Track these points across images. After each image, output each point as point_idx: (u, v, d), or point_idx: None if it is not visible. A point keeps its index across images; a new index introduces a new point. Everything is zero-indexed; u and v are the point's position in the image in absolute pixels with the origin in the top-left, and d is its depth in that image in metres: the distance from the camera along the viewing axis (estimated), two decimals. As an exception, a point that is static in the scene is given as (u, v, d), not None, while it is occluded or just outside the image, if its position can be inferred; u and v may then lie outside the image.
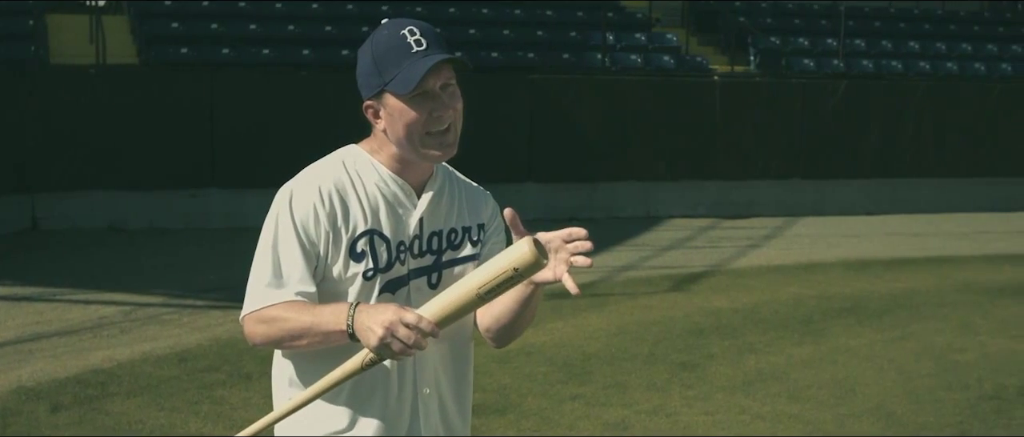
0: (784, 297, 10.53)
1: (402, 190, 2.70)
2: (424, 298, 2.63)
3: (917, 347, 8.51)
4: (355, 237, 2.62)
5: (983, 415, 6.75)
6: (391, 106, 2.62)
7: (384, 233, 2.65)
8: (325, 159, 2.74)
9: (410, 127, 2.60)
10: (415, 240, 2.69)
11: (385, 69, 2.59)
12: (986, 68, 20.04)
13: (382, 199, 2.67)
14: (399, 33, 2.59)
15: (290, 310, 2.55)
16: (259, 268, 2.63)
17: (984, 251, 13.83)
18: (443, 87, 2.60)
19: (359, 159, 2.72)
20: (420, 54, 2.56)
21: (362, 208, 2.64)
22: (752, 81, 17.77)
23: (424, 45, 2.58)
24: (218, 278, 11.00)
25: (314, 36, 16.05)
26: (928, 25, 22.19)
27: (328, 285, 2.63)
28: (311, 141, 14.04)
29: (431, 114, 2.59)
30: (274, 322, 2.57)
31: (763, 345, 8.54)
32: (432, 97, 2.59)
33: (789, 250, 13.74)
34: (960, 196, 17.96)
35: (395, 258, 2.66)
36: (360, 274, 2.62)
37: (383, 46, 2.61)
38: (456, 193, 2.82)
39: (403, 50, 2.58)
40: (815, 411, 6.84)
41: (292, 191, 2.65)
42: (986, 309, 10.05)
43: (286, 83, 14.60)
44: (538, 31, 17.85)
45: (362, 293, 2.62)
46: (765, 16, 20.90)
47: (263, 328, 2.60)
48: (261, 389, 7.19)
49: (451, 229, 2.77)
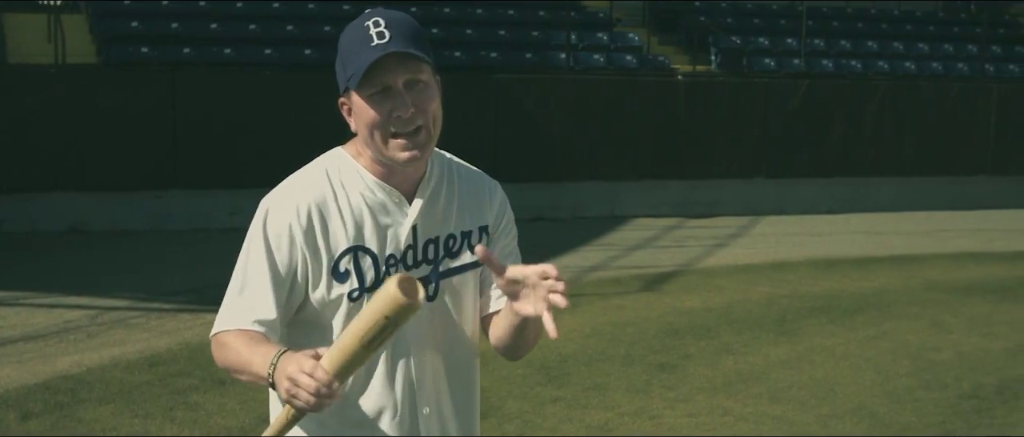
0: (756, 297, 10.54)
1: (390, 197, 2.46)
2: (421, 313, 2.31)
3: (892, 346, 8.53)
4: (337, 256, 2.41)
5: (964, 415, 6.76)
6: (354, 104, 2.41)
7: (370, 247, 2.43)
8: (307, 168, 2.52)
9: (370, 127, 2.38)
10: (408, 250, 2.46)
11: (348, 62, 2.38)
12: (943, 68, 20.24)
13: (367, 210, 2.45)
14: (363, 25, 2.36)
15: (237, 341, 2.37)
16: (230, 287, 2.48)
17: (947, 249, 13.94)
18: (408, 84, 2.36)
19: (343, 165, 2.50)
20: (378, 47, 2.31)
21: (344, 223, 2.42)
22: (715, 81, 17.83)
23: (386, 37, 2.32)
24: (184, 280, 10.86)
25: (276, 35, 15.91)
26: (885, 25, 22.39)
27: (311, 310, 2.44)
28: (275, 141, 14.14)
29: (391, 114, 2.36)
30: (224, 349, 2.41)
31: (739, 345, 8.53)
32: (393, 94, 2.35)
33: (755, 249, 13.77)
34: (919, 194, 18.12)
35: (384, 274, 2.42)
36: (345, 295, 2.40)
37: (347, 38, 2.41)
38: (455, 193, 2.57)
39: (363, 42, 2.34)
40: (797, 412, 6.82)
41: (268, 209, 2.45)
42: (955, 308, 10.10)
43: (249, 83, 14.45)
44: (500, 30, 17.80)
45: (348, 315, 2.39)
46: (725, 16, 20.99)
47: (218, 353, 2.45)
48: (236, 394, 7.07)
49: (449, 235, 2.53)
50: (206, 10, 16.41)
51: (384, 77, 2.33)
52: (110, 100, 13.73)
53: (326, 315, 2.43)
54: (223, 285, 9.22)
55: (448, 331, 2.54)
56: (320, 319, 2.45)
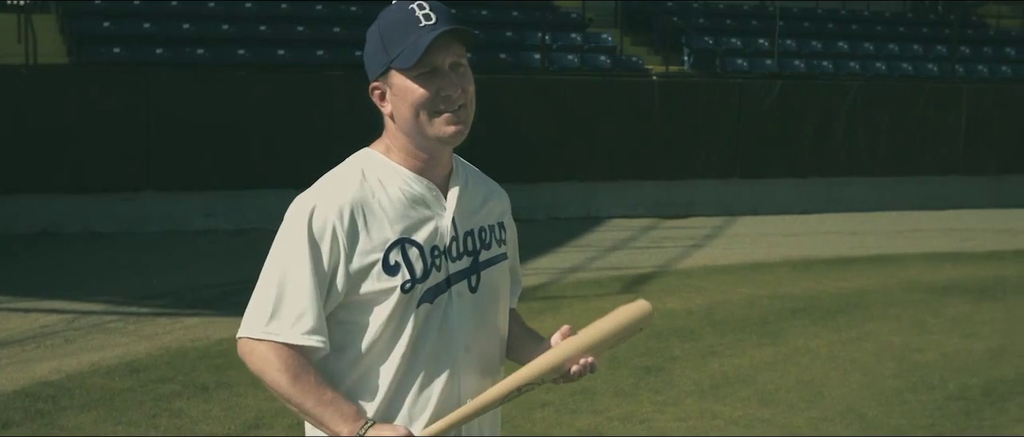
0: (737, 298, 10.54)
1: (428, 190, 2.51)
2: (465, 304, 2.51)
3: (876, 348, 8.55)
4: (386, 249, 2.43)
5: (953, 417, 6.77)
6: (397, 85, 2.46)
7: (416, 240, 2.46)
8: (341, 168, 2.55)
9: (416, 107, 2.44)
10: (452, 242, 2.52)
11: (391, 44, 2.44)
12: (913, 68, 20.37)
13: (407, 203, 2.48)
14: (408, 7, 2.44)
15: (292, 376, 2.38)
16: (263, 287, 2.44)
17: (922, 249, 14.00)
18: (453, 66, 2.46)
19: (376, 164, 2.53)
20: (428, 28, 2.41)
21: (387, 217, 2.45)
22: (690, 81, 17.85)
23: (433, 19, 2.43)
24: (161, 284, 10.75)
25: (249, 36, 15.79)
26: (855, 25, 22.52)
27: (359, 305, 2.44)
28: (250, 142, 14.02)
29: (439, 92, 2.44)
30: (267, 369, 2.40)
31: (724, 347, 8.52)
32: (440, 75, 2.44)
33: (732, 250, 13.79)
34: (892, 194, 18.22)
35: (431, 265, 2.46)
36: (397, 288, 2.42)
37: (390, 21, 2.47)
38: (479, 189, 2.66)
39: (410, 24, 2.42)
40: (787, 415, 6.81)
41: (313, 206, 2.43)
42: (935, 308, 10.14)
43: (223, 83, 14.31)
44: (474, 31, 17.68)
45: (399, 308, 2.43)
46: (697, 16, 21.04)
47: (256, 363, 2.43)
48: (220, 401, 7.00)
49: (481, 227, 2.61)
50: (178, 10, 16.27)
51: (434, 58, 2.41)
52: (82, 101, 13.55)
53: (371, 309, 2.44)
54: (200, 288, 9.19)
55: (488, 323, 2.61)
56: (363, 315, 2.45)
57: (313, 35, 16.25)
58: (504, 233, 2.68)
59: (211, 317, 9.35)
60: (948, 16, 24.58)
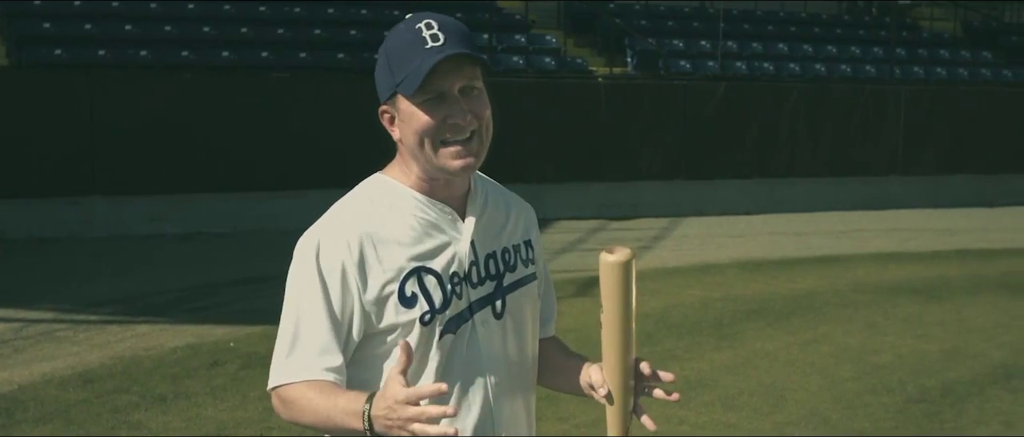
0: (690, 300, 10.60)
1: (443, 214, 2.37)
2: (491, 331, 2.37)
3: (832, 350, 8.63)
4: (401, 280, 2.29)
5: (915, 419, 6.86)
6: (403, 111, 2.30)
7: (432, 268, 2.32)
8: (348, 198, 2.41)
9: (421, 134, 2.27)
10: (472, 267, 2.37)
11: (397, 67, 2.27)
12: (851, 70, 20.63)
13: (421, 230, 2.33)
14: (414, 27, 2.26)
15: (311, 392, 2.23)
16: (283, 336, 2.32)
17: (866, 249, 14.18)
18: (464, 90, 2.27)
19: (387, 190, 2.38)
20: (434, 50, 2.22)
21: (400, 247, 2.30)
22: (635, 83, 17.92)
23: (440, 40, 2.23)
24: (109, 290, 10.57)
25: (192, 37, 15.58)
26: (794, 28, 22.74)
27: (379, 341, 2.31)
28: (196, 145, 13.84)
29: (445, 121, 2.26)
30: (295, 404, 2.26)
31: (683, 351, 8.55)
32: (448, 101, 2.26)
33: (680, 251, 13.87)
34: (834, 195, 18.44)
35: (451, 293, 2.32)
36: (416, 320, 2.28)
37: (396, 42, 2.29)
38: (501, 207, 2.52)
39: (416, 45, 2.24)
40: (752, 420, 6.86)
41: (318, 243, 2.29)
42: (886, 309, 10.27)
43: (168, 85, 14.11)
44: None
45: (421, 341, 2.29)
46: (639, 18, 21.14)
47: (284, 410, 2.29)
48: (179, 412, 6.90)
49: (504, 248, 2.46)
50: (120, 11, 16.01)
51: (439, 82, 2.24)
52: (24, 104, 13.29)
53: (393, 344, 2.31)
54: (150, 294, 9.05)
55: (518, 348, 2.47)
56: (384, 350, 2.33)
57: (257, 36, 16.08)
58: (531, 252, 2.55)
59: (163, 324, 9.21)
60: (883, 18, 24.94)
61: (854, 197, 18.55)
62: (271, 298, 9.91)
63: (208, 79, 14.36)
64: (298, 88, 14.73)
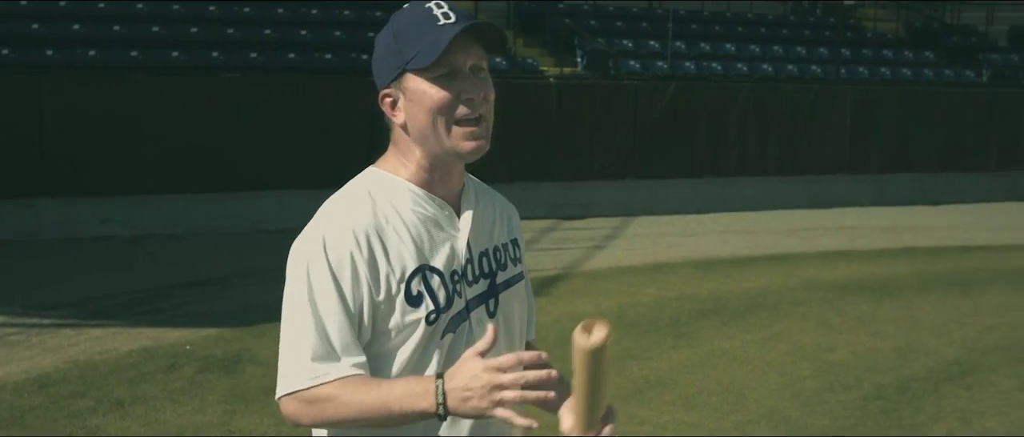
0: (645, 299, 10.65)
1: (441, 210, 2.34)
2: (485, 331, 2.23)
3: (789, 348, 8.72)
4: (407, 279, 2.25)
5: (873, 416, 6.95)
6: (412, 89, 2.26)
7: (435, 266, 2.29)
8: (346, 191, 2.34)
9: (435, 112, 2.24)
10: (468, 266, 2.35)
11: (406, 46, 2.25)
12: (798, 70, 20.82)
13: (422, 226, 2.31)
14: (424, 6, 2.26)
15: (348, 388, 2.17)
16: (298, 335, 2.22)
17: (816, 248, 14.33)
18: (474, 69, 2.27)
19: (385, 184, 2.33)
20: (448, 25, 2.22)
21: (404, 243, 2.27)
22: (586, 83, 17.96)
23: (452, 18, 2.23)
24: (61, 293, 10.42)
25: (142, 37, 15.40)
26: (741, 28, 22.92)
27: (383, 340, 2.27)
28: (146, 145, 13.68)
29: (459, 96, 2.25)
30: (329, 403, 2.18)
31: (641, 350, 8.59)
32: (461, 77, 2.25)
33: (633, 250, 13.93)
34: (782, 194, 18.61)
35: (453, 292, 2.30)
36: (422, 319, 2.25)
37: (405, 21, 2.28)
38: (489, 205, 2.51)
39: (428, 22, 2.24)
40: (713, 419, 6.91)
41: (323, 238, 2.23)
42: (838, 307, 10.39)
43: (118, 86, 13.93)
44: (369, 33, 17.58)
45: (424, 340, 2.27)
46: (589, 18, 21.21)
47: (313, 410, 2.21)
48: (138, 416, 6.83)
49: (495, 247, 2.45)
50: (68, 11, 15.79)
51: (454, 58, 2.23)
52: (-30, 105, 13.10)
53: (397, 344, 2.28)
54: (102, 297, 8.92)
55: (508, 347, 2.45)
56: (387, 349, 2.28)
57: (207, 36, 15.93)
58: (518, 251, 2.55)
59: (117, 328, 9.10)
60: (828, 19, 25.22)
61: (802, 196, 18.74)
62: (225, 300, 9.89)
63: (158, 79, 14.20)
64: (249, 88, 14.62)
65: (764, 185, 18.58)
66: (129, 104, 13.76)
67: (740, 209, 17.97)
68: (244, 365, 7.97)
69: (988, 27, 26.41)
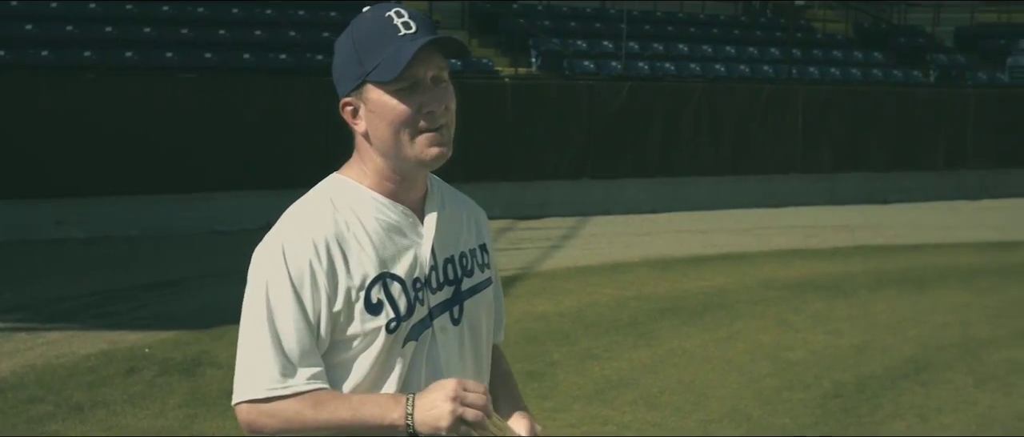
0: (604, 299, 10.70)
1: (404, 217, 2.32)
2: (449, 338, 2.34)
3: (748, 347, 8.80)
4: (367, 287, 2.24)
5: (833, 414, 7.03)
6: (374, 101, 2.24)
7: (396, 273, 2.27)
8: (307, 199, 2.33)
9: (396, 124, 2.23)
10: (432, 272, 2.33)
11: (367, 56, 2.22)
12: (750, 70, 21.01)
13: (384, 233, 2.29)
14: (384, 15, 2.23)
15: (312, 404, 2.18)
16: (255, 344, 2.21)
17: (771, 246, 14.45)
18: (435, 79, 2.24)
19: (347, 191, 2.32)
20: (408, 37, 2.20)
21: (364, 251, 2.25)
22: (541, 83, 18.01)
23: (413, 28, 2.21)
24: (14, 297, 10.30)
25: (94, 37, 15.25)
26: (693, 28, 23.07)
27: (342, 348, 2.26)
28: (100, 148, 13.54)
29: (421, 108, 2.23)
30: (293, 419, 2.19)
31: (601, 350, 8.64)
32: (422, 89, 2.22)
33: (590, 250, 13.99)
34: (735, 193, 18.76)
35: (414, 299, 2.28)
36: (382, 327, 2.24)
37: (365, 30, 2.24)
38: (457, 210, 2.49)
39: (388, 33, 2.21)
40: (676, 418, 6.96)
41: (282, 247, 2.22)
42: (795, 305, 10.49)
43: (70, 86, 13.78)
44: (324, 33, 17.52)
45: (386, 348, 2.25)
46: (542, 18, 21.27)
47: (273, 423, 2.20)
48: (98, 421, 6.78)
49: (462, 253, 2.43)
50: (19, 11, 15.60)
51: (415, 70, 2.21)
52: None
53: (357, 352, 2.26)
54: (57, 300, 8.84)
55: (474, 355, 2.44)
56: (347, 357, 2.27)
57: (161, 37, 15.81)
58: (487, 256, 2.53)
59: (74, 331, 9.01)
60: (778, 19, 25.47)
61: (755, 195, 18.90)
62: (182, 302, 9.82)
63: (111, 80, 14.07)
64: (204, 89, 14.52)
65: (718, 184, 18.73)
66: (83, 105, 13.62)
67: (695, 208, 18.10)
68: (204, 368, 7.93)
69: (934, 28, 26.76)
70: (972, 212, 19.23)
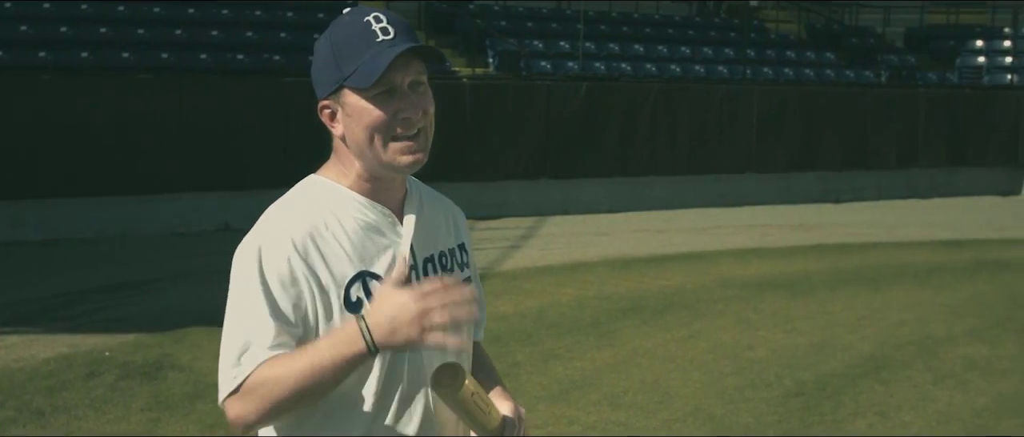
0: (565, 299, 10.74)
1: (383, 217, 2.34)
2: None
3: (709, 346, 8.87)
4: (346, 286, 2.25)
5: (796, 413, 7.10)
6: (350, 105, 2.26)
7: (375, 272, 2.29)
8: (286, 199, 2.35)
9: (372, 130, 2.25)
10: (412, 272, 2.34)
11: (344, 61, 2.23)
12: (705, 71, 21.17)
13: (363, 232, 2.30)
14: (362, 20, 2.24)
15: (276, 365, 2.15)
16: (228, 344, 2.22)
17: (728, 246, 14.57)
18: (412, 85, 2.26)
19: (325, 190, 2.35)
20: (386, 43, 2.21)
21: (343, 249, 2.27)
22: (498, 83, 18.05)
23: (391, 34, 2.23)
24: (-28, 300, 10.20)
25: (50, 37, 15.10)
26: (649, 29, 23.20)
27: None
28: (56, 149, 13.44)
29: (397, 115, 2.24)
30: (260, 388, 2.16)
31: (564, 350, 8.67)
32: (399, 95, 2.24)
33: (549, 250, 14.04)
34: (691, 193, 18.90)
35: None
36: None
37: (343, 35, 2.25)
38: (436, 209, 2.51)
39: (366, 39, 2.22)
40: (640, 418, 7.01)
41: (259, 248, 2.23)
42: (754, 304, 10.59)
43: (25, 87, 13.64)
44: (281, 33, 17.48)
45: None
46: (499, 19, 21.31)
47: (250, 404, 2.18)
48: (59, 426, 6.73)
49: (441, 252, 2.45)
50: (-29, 11, 15.45)
51: (392, 76, 2.22)
52: None
53: None
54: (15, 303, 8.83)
55: (456, 353, 2.42)
56: None
57: (117, 37, 15.68)
58: (466, 256, 2.55)
59: (33, 335, 8.93)
60: (732, 20, 25.67)
61: (711, 194, 19.05)
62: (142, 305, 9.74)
63: (67, 81, 13.94)
64: (161, 89, 14.42)
65: (675, 184, 18.86)
66: (38, 105, 13.50)
67: (652, 208, 18.22)
68: (166, 371, 7.88)
69: (885, 29, 27.10)
70: (924, 211, 19.50)
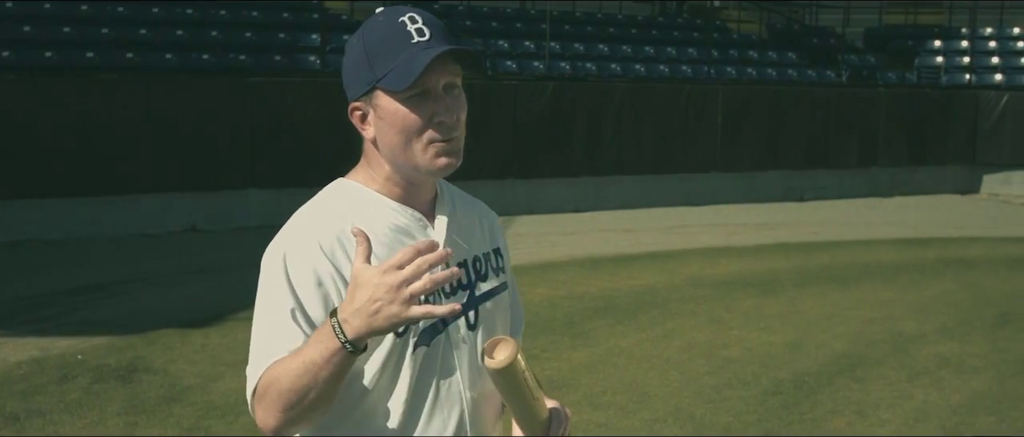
0: (537, 299, 10.74)
1: (413, 220, 2.27)
2: (465, 343, 2.28)
3: (684, 345, 8.91)
4: None
5: (775, 412, 7.15)
6: (383, 108, 2.20)
7: None
8: (313, 203, 2.27)
9: (407, 133, 2.18)
10: None
11: (378, 62, 2.16)
12: (669, 70, 21.25)
13: (393, 236, 2.23)
14: (397, 20, 2.17)
15: (276, 367, 2.09)
16: (252, 347, 2.18)
17: (696, 244, 14.64)
18: (447, 88, 2.20)
19: (354, 195, 2.27)
20: (422, 45, 2.15)
21: (373, 253, 2.13)
22: (464, 83, 17.97)
23: (426, 35, 2.16)
24: (-57, 305, 10.06)
25: (13, 37, 14.92)
26: (613, 29, 23.26)
27: None
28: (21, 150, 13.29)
29: (432, 118, 2.18)
30: (270, 389, 2.09)
31: (539, 351, 8.68)
32: (434, 98, 2.18)
33: (518, 250, 14.01)
34: (657, 192, 18.98)
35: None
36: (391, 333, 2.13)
37: (377, 35, 2.18)
38: (469, 213, 2.46)
39: (401, 40, 2.16)
40: (621, 418, 7.03)
41: (284, 253, 2.17)
42: (727, 303, 10.64)
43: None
44: (247, 33, 17.36)
45: (394, 353, 2.18)
46: (463, 19, 21.29)
47: (267, 407, 2.12)
48: (35, 430, 6.65)
49: (475, 257, 2.38)
50: (-68, 10, 15.24)
51: (427, 78, 2.16)
52: None
53: (365, 357, 2.17)
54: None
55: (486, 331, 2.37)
56: (357, 363, 2.17)
57: (81, 36, 15.51)
58: (501, 260, 2.49)
59: (3, 338, 8.81)
60: (695, 20, 25.79)
61: (676, 194, 19.14)
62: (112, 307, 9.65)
63: (31, 80, 13.78)
64: (126, 89, 14.29)
65: (640, 183, 18.93)
66: (1, 106, 13.32)
67: (618, 207, 18.28)
68: (140, 374, 7.81)
69: (845, 29, 27.33)
70: (885, 209, 19.69)
